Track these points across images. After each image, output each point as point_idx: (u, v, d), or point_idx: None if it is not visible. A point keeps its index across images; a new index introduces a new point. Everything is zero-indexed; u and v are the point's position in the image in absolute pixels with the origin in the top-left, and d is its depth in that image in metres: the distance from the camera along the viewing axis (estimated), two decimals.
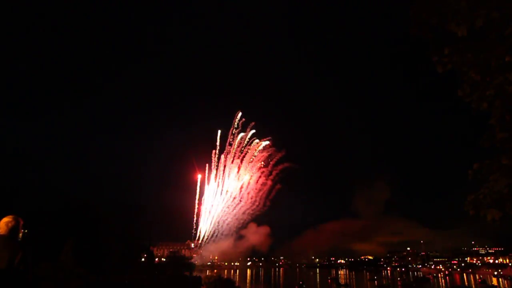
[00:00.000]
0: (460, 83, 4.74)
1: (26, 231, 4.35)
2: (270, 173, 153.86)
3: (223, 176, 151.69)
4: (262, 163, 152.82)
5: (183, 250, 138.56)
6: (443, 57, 4.70)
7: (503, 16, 4.05)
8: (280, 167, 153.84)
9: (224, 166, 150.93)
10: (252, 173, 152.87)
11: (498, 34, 4.19)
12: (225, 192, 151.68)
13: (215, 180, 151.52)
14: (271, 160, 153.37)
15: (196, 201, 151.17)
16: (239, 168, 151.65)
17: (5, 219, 4.07)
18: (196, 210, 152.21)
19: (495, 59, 4.26)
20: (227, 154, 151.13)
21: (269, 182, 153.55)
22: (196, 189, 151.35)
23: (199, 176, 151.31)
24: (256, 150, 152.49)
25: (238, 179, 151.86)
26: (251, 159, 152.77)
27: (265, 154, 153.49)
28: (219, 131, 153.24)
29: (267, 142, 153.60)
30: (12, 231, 4.02)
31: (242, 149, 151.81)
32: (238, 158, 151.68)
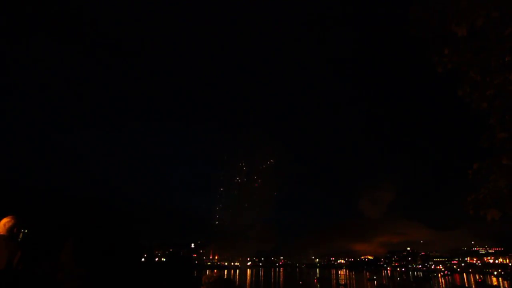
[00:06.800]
0: (460, 83, 4.73)
1: (26, 231, 4.33)
2: (276, 174, 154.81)
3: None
4: (268, 166, 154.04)
5: (183, 250, 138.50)
6: (443, 57, 4.69)
7: (503, 16, 4.04)
8: (285, 168, 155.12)
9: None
10: (260, 175, 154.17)
11: (498, 34, 4.18)
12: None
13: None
14: (277, 162, 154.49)
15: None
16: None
17: (5, 219, 4.04)
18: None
19: (495, 59, 4.25)
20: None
21: (274, 184, 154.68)
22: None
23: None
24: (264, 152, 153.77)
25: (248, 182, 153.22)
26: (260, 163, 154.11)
27: (273, 156, 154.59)
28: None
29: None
30: (12, 231, 4.00)
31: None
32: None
